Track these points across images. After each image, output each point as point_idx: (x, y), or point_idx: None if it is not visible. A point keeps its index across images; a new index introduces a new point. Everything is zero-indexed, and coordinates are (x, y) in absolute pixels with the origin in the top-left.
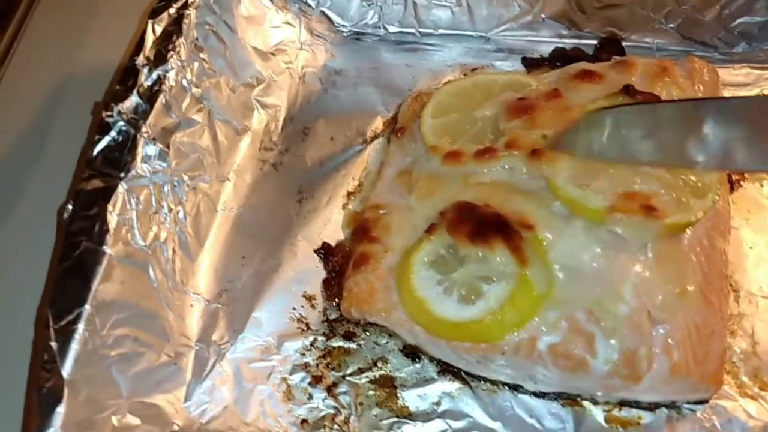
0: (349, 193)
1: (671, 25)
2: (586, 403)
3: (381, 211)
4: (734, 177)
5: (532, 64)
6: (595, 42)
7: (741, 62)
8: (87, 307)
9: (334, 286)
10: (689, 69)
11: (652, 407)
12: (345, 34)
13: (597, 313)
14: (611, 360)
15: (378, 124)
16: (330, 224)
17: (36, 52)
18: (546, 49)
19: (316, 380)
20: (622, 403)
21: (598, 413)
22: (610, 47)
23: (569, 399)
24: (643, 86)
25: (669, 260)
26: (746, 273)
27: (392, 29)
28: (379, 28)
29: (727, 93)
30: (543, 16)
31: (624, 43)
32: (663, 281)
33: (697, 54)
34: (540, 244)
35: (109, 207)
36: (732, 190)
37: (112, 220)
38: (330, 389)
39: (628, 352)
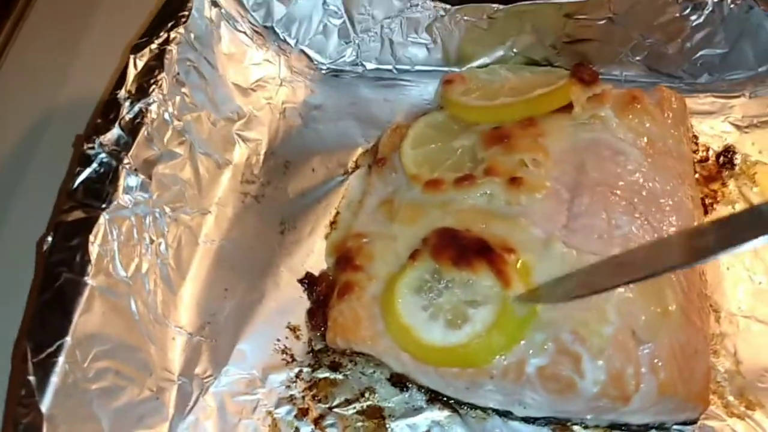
0: (332, 223)
1: (638, 58)
2: (576, 428)
3: (364, 240)
4: (707, 200)
5: None
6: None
7: (705, 92)
8: (68, 339)
9: (318, 316)
10: (658, 98)
11: (641, 430)
12: (324, 71)
13: (583, 334)
14: (599, 381)
15: (359, 156)
16: (313, 254)
17: (17, 85)
18: None
19: (303, 413)
20: (612, 427)
21: None
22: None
23: (559, 424)
24: (616, 115)
25: (648, 281)
26: (725, 293)
27: (370, 66)
28: (357, 65)
29: (694, 121)
30: (515, 50)
31: None
32: (644, 301)
33: (664, 85)
34: (523, 267)
35: (91, 238)
36: (706, 213)
37: (94, 250)
38: (317, 422)
39: (615, 372)
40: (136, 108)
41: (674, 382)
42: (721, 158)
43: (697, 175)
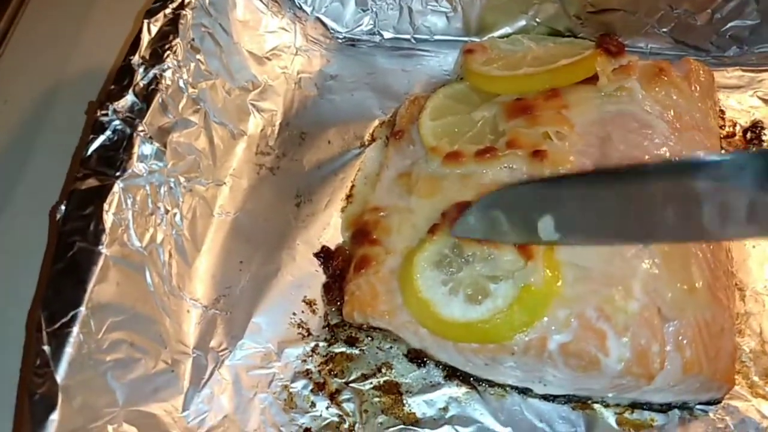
0: (348, 197)
1: (664, 30)
2: (596, 406)
3: (381, 214)
4: None
5: None
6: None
7: (733, 65)
8: (82, 309)
9: (334, 290)
10: (686, 70)
11: (664, 409)
12: (340, 40)
13: (608, 311)
14: (624, 358)
15: (375, 128)
16: (329, 228)
17: (28, 51)
18: None
19: (319, 387)
20: (634, 405)
21: (609, 416)
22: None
23: (579, 402)
24: (642, 87)
25: (674, 256)
26: (751, 272)
27: (387, 35)
28: (374, 34)
29: (721, 95)
30: (537, 20)
31: None
32: (671, 277)
33: (690, 57)
34: None
35: (105, 206)
36: None
37: (108, 219)
38: (333, 396)
39: (640, 349)
40: (151, 74)
41: (699, 361)
42: (749, 134)
43: (723, 151)
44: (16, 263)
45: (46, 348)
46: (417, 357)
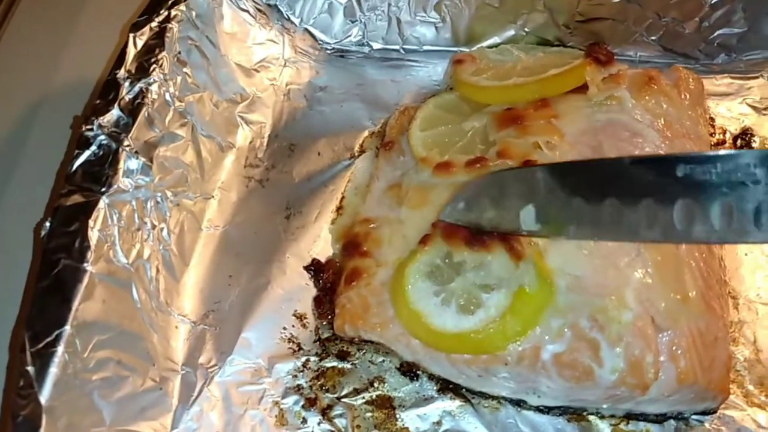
0: (338, 208)
1: (653, 38)
2: (592, 418)
3: (371, 225)
4: None
5: None
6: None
7: (722, 73)
8: (67, 327)
9: (325, 303)
10: (675, 78)
11: (659, 420)
12: (329, 52)
13: (601, 321)
14: (618, 369)
15: (365, 138)
16: (319, 240)
17: (11, 66)
18: None
19: (310, 403)
20: (629, 417)
21: (605, 427)
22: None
23: (574, 414)
24: (632, 96)
25: (667, 266)
26: (743, 280)
27: (376, 46)
28: (363, 45)
29: (711, 103)
30: (526, 30)
31: None
32: (664, 287)
33: (679, 65)
34: (536, 247)
35: (90, 223)
36: None
37: (93, 236)
38: (325, 412)
39: (634, 359)
40: (137, 88)
41: (694, 371)
42: (739, 141)
43: None
44: (1, 281)
45: (29, 368)
46: (410, 370)
